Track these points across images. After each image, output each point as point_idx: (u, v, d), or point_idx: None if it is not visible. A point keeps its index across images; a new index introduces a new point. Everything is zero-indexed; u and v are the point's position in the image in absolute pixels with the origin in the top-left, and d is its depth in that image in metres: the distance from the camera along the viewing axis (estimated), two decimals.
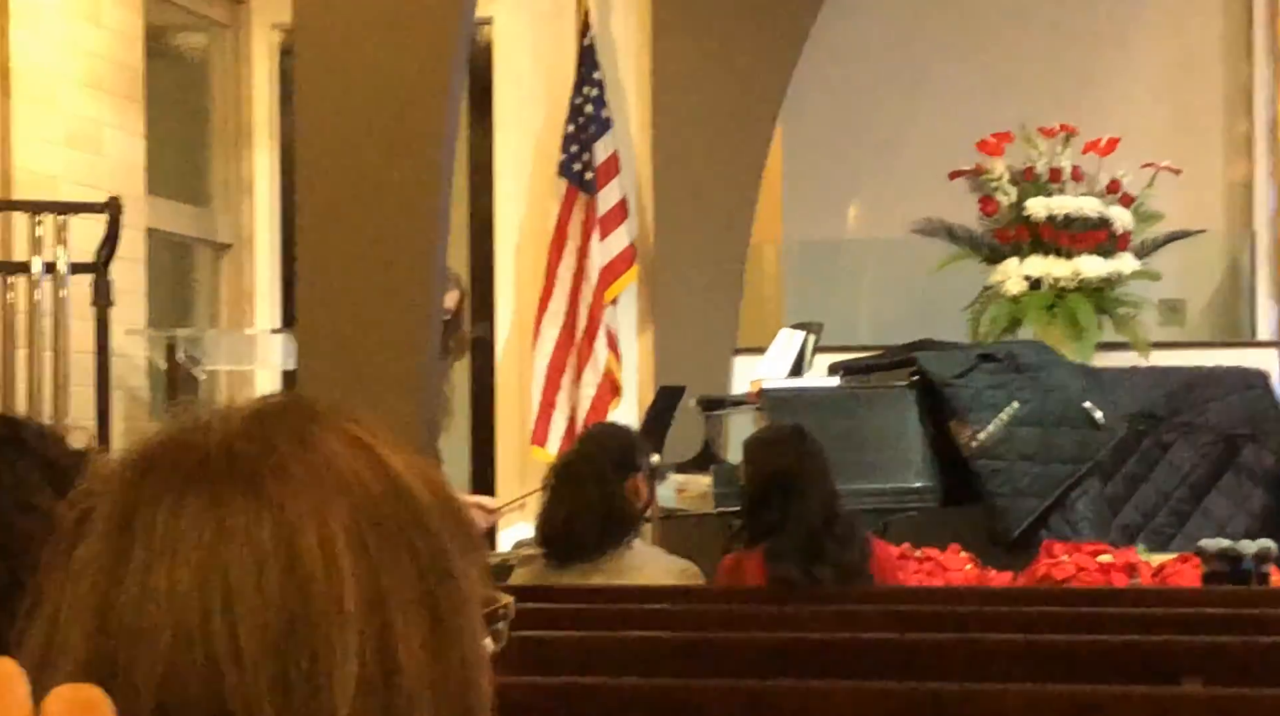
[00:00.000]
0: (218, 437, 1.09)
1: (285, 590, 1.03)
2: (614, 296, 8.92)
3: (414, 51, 5.21)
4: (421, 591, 1.07)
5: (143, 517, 1.06)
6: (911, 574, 6.61)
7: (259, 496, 1.06)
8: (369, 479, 1.09)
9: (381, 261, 5.23)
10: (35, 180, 7.32)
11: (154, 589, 1.03)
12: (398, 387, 5.27)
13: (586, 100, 8.96)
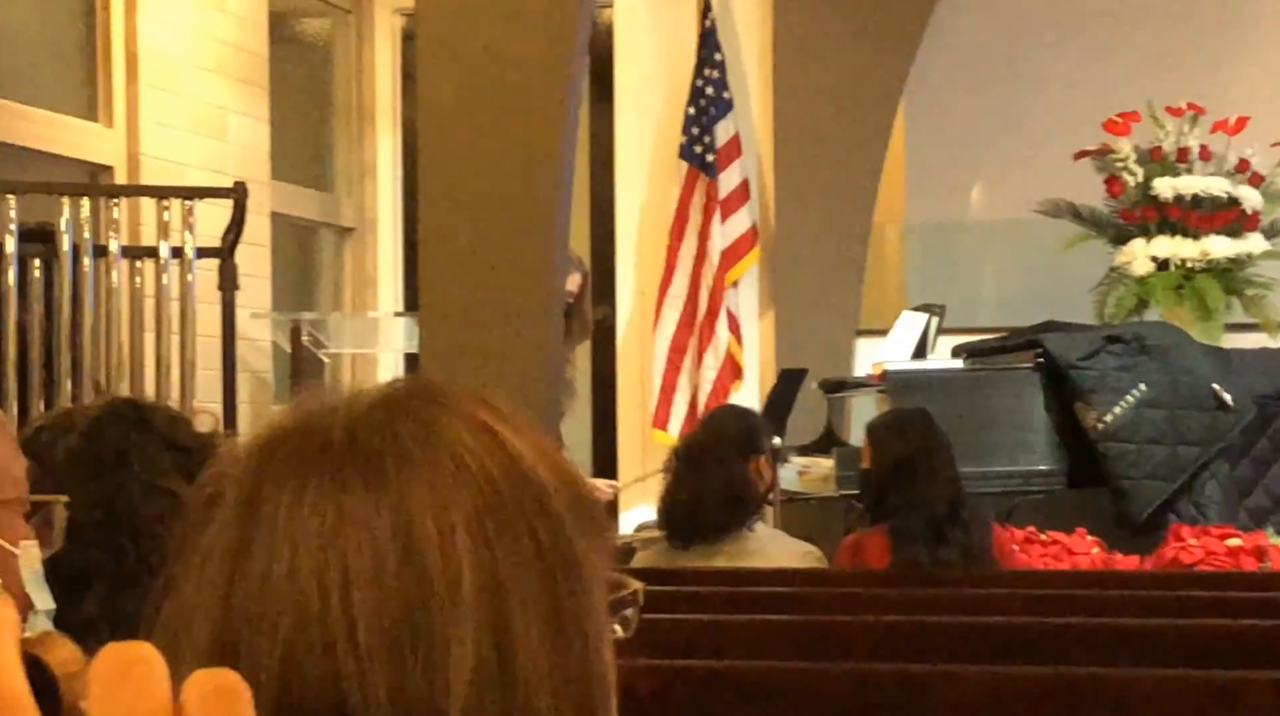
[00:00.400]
0: (342, 423, 1.09)
1: (402, 578, 1.02)
2: (735, 279, 8.89)
3: (535, 35, 5.22)
4: (543, 578, 1.06)
5: (266, 502, 1.06)
6: (1037, 557, 6.56)
7: (380, 483, 1.05)
8: (491, 464, 1.08)
9: (503, 244, 5.24)
10: (162, 166, 7.39)
11: (275, 574, 1.03)
12: (520, 370, 5.28)
13: (708, 82, 8.93)
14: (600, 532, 1.12)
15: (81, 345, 5.73)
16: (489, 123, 5.22)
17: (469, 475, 1.06)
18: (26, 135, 6.87)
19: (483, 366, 5.16)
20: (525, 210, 5.27)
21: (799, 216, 9.10)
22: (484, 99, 5.22)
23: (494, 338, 5.23)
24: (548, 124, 5.28)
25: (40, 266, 5.72)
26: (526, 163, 5.24)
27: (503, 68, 5.22)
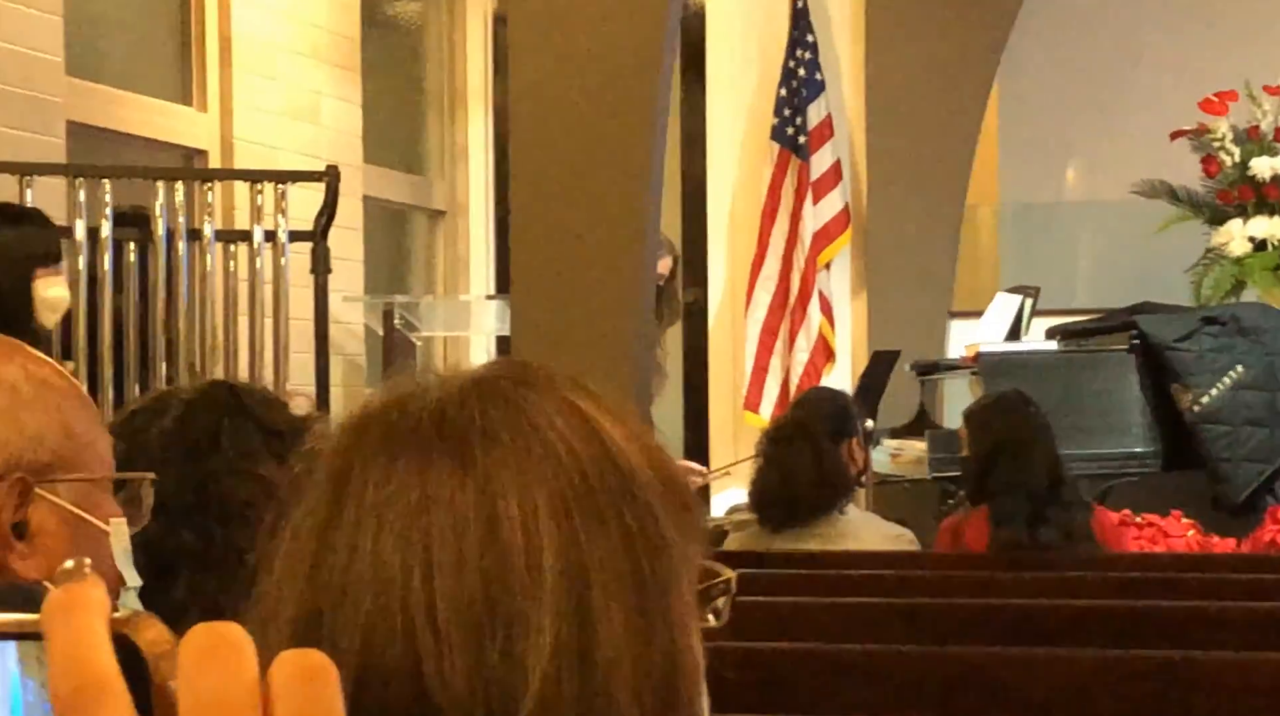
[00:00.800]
0: (432, 402, 1.09)
1: (484, 559, 1.02)
2: (827, 261, 8.87)
3: (626, 17, 5.21)
4: (628, 563, 1.05)
5: (355, 479, 1.06)
6: (1132, 540, 6.52)
7: (466, 463, 1.06)
8: (580, 448, 1.07)
9: (594, 227, 5.23)
10: (255, 150, 7.43)
11: (360, 551, 1.04)
12: (611, 353, 5.28)
13: (799, 64, 8.90)
14: (692, 521, 1.11)
15: (176, 328, 5.77)
16: (579, 105, 5.22)
17: (556, 458, 1.06)
18: (122, 120, 6.92)
19: (573, 349, 5.17)
20: (616, 194, 5.27)
21: (891, 198, 9.06)
22: (574, 82, 5.22)
23: (585, 320, 5.23)
24: (638, 107, 5.27)
25: (135, 250, 5.77)
26: (617, 146, 5.24)
27: (593, 51, 5.22)
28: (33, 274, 4.63)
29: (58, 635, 0.57)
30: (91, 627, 0.57)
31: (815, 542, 5.15)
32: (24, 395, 1.63)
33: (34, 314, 4.63)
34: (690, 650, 1.08)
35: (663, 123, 5.29)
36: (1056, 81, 9.44)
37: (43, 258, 4.73)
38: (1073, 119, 9.49)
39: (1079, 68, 9.42)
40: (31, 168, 5.68)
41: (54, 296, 4.79)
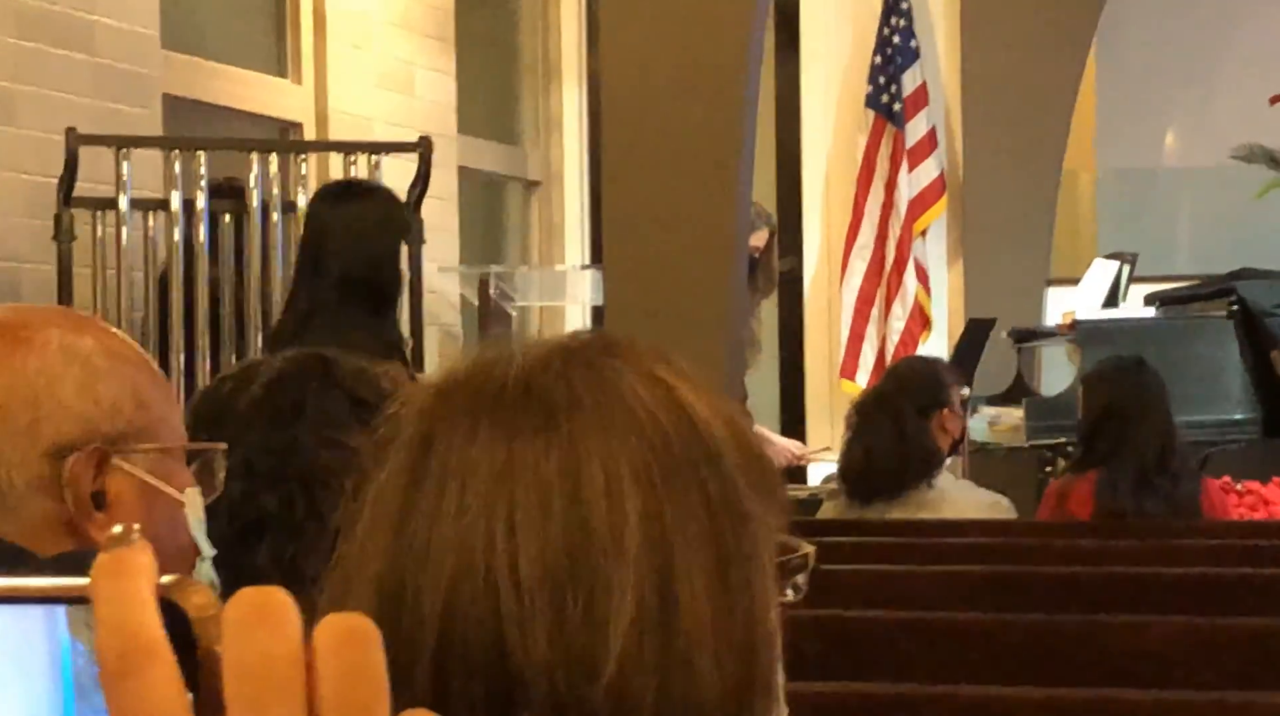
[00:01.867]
0: (517, 369, 1.10)
1: (567, 523, 1.03)
2: (923, 228, 8.83)
3: None
4: (710, 532, 1.06)
5: (440, 442, 1.07)
6: (1233, 508, 6.47)
7: (550, 428, 1.06)
8: (664, 417, 1.08)
9: (686, 197, 5.23)
10: (351, 121, 7.47)
11: (444, 512, 1.05)
12: (703, 324, 5.28)
13: (894, 31, 8.86)
14: (773, 494, 1.12)
15: (271, 298, 5.80)
16: (671, 75, 5.21)
17: (640, 426, 1.07)
18: (218, 93, 6.97)
19: (666, 319, 5.16)
20: (707, 164, 5.26)
21: (987, 165, 9.00)
22: (665, 52, 5.22)
23: (677, 292, 5.23)
24: (729, 77, 5.26)
25: (230, 222, 5.81)
26: (708, 116, 5.23)
27: (685, 22, 5.21)
28: (399, 246, 4.78)
29: (104, 599, 0.57)
30: (138, 592, 0.57)
31: (904, 513, 5.13)
32: (98, 367, 1.64)
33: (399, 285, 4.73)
34: (770, 621, 1.08)
35: (754, 92, 5.28)
36: (1153, 46, 9.35)
37: (406, 229, 4.92)
38: (1170, 84, 9.41)
39: (1176, 32, 9.33)
40: (127, 140, 5.73)
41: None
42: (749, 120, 5.35)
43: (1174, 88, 9.42)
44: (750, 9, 5.21)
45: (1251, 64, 8.93)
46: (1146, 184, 9.58)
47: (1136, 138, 9.55)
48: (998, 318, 8.05)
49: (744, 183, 5.37)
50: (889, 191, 8.83)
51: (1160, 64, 9.36)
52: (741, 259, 5.58)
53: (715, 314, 5.36)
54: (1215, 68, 9.28)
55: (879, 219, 8.83)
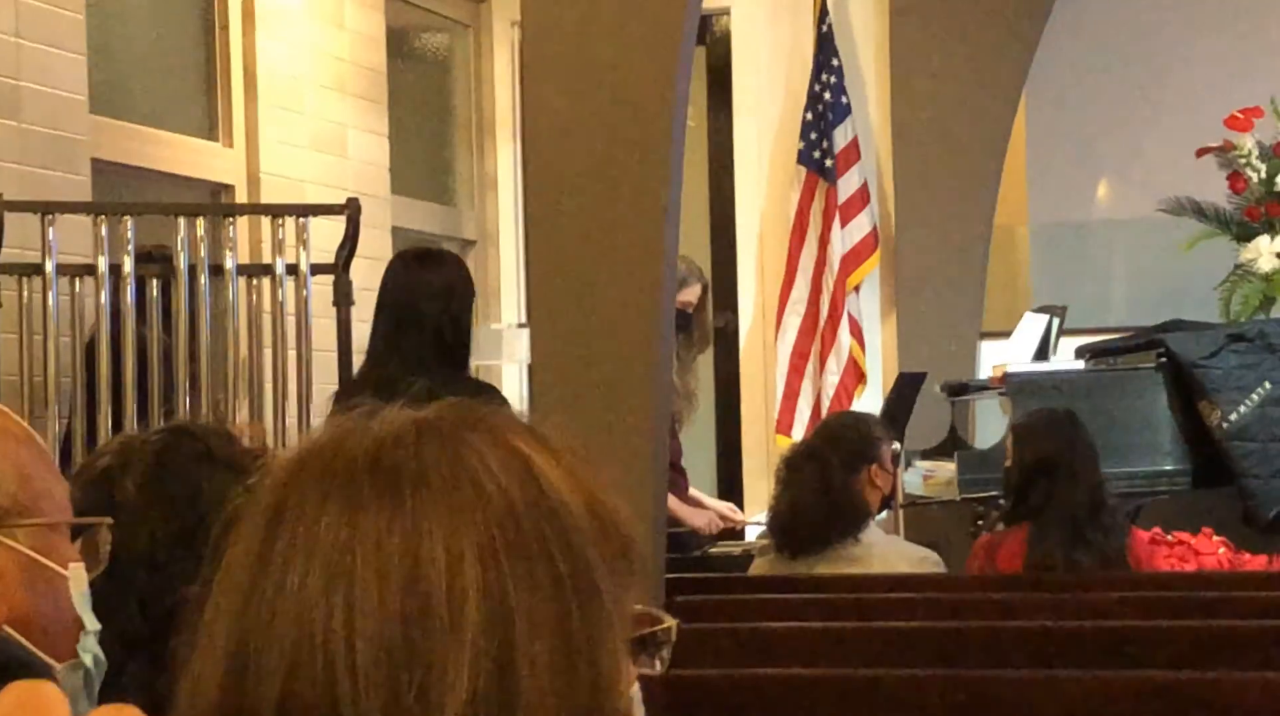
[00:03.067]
0: (371, 441, 1.09)
1: (405, 601, 1.02)
2: (857, 283, 8.88)
3: (641, 44, 5.22)
4: (556, 609, 1.05)
5: (290, 514, 1.07)
6: (1163, 558, 6.49)
7: (395, 502, 1.05)
8: (515, 491, 1.07)
9: (612, 255, 5.24)
10: (283, 184, 7.47)
11: (288, 588, 1.04)
12: (632, 379, 5.28)
13: (825, 87, 8.92)
14: (632, 568, 1.11)
15: (199, 362, 5.80)
16: (595, 133, 5.22)
17: (487, 500, 1.06)
18: (148, 157, 6.96)
19: (593, 377, 5.17)
20: (632, 221, 5.27)
21: (919, 219, 9.06)
22: (589, 111, 5.23)
23: (604, 348, 5.23)
24: (655, 132, 5.27)
25: (158, 285, 5.80)
26: (634, 173, 5.24)
27: (608, 82, 5.22)
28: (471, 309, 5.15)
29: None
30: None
31: (832, 567, 5.15)
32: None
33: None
34: (618, 695, 1.07)
35: (679, 148, 5.29)
36: (1082, 100, 9.42)
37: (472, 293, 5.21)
38: (1100, 137, 9.47)
39: (1104, 86, 9.39)
40: (53, 206, 5.72)
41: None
42: (674, 174, 5.36)
43: (1103, 141, 9.48)
44: (672, 65, 5.23)
45: (1179, 116, 9.00)
46: (1079, 236, 9.64)
47: (1068, 190, 9.61)
48: (929, 371, 8.08)
49: (669, 237, 5.37)
50: (822, 247, 8.87)
51: (1089, 117, 9.43)
52: (668, 315, 5.59)
53: (643, 369, 5.36)
54: (1143, 120, 9.35)
55: (813, 274, 8.87)
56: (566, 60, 5.29)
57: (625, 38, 5.21)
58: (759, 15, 9.30)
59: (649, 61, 5.23)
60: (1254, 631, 4.05)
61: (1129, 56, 9.36)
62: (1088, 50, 9.37)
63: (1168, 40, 9.30)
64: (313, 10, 7.81)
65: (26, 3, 6.03)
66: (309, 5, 7.78)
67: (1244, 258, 8.04)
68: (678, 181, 5.31)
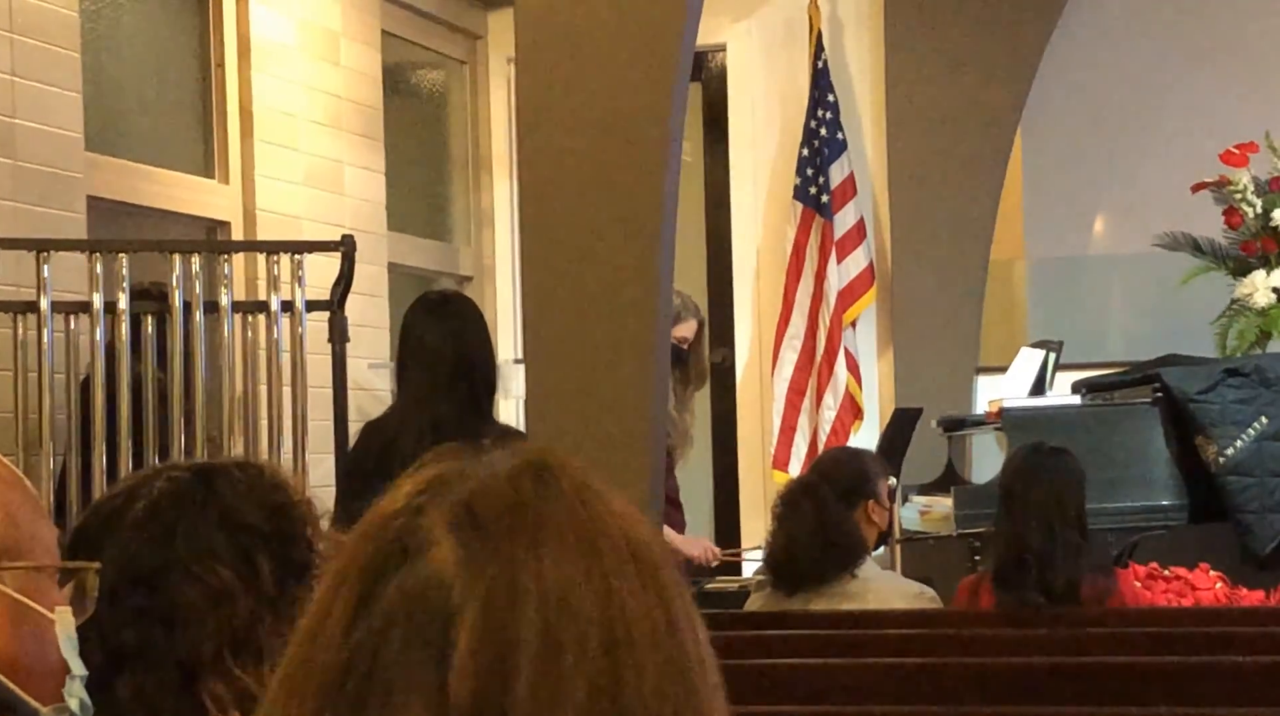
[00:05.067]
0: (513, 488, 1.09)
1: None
2: (853, 318, 8.89)
3: (636, 80, 5.23)
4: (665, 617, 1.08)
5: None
6: (1160, 593, 6.48)
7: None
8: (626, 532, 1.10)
9: (607, 291, 5.24)
10: (279, 220, 7.48)
11: None
12: (627, 414, 5.28)
13: (821, 123, 8.94)
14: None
15: (194, 398, 5.80)
16: (589, 169, 5.23)
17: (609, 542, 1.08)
18: (144, 194, 6.97)
19: (588, 413, 5.17)
20: (628, 258, 5.28)
21: (915, 255, 9.07)
22: (585, 149, 5.24)
23: (599, 384, 5.23)
24: (649, 168, 5.28)
25: (153, 322, 5.81)
26: (627, 209, 5.25)
27: (604, 118, 5.23)
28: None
29: None
30: None
31: (823, 603, 5.14)
32: None
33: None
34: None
35: (674, 183, 5.30)
36: (1078, 135, 9.43)
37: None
38: (1096, 172, 9.48)
39: (1101, 122, 9.41)
40: (48, 243, 5.73)
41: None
42: (670, 210, 5.37)
43: (1099, 176, 9.49)
44: (667, 105, 5.24)
45: (1175, 151, 9.02)
46: (1075, 271, 9.64)
47: (1064, 225, 9.61)
48: (925, 406, 8.08)
49: (665, 271, 5.38)
50: (818, 282, 8.89)
51: (1085, 153, 9.44)
52: (663, 353, 5.59)
53: (638, 406, 5.36)
54: (1139, 156, 9.36)
55: (809, 309, 8.88)
56: (562, 96, 5.31)
57: (620, 74, 5.22)
58: (755, 51, 9.32)
59: (644, 98, 5.24)
60: (1252, 667, 4.04)
61: (1125, 91, 9.38)
62: (1084, 85, 9.39)
63: (1163, 75, 9.32)
64: (308, 47, 7.83)
65: (22, 40, 6.05)
66: (305, 42, 7.80)
67: (1240, 292, 8.04)
68: (673, 217, 5.32)
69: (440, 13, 9.17)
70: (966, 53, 8.95)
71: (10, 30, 6.01)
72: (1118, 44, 9.42)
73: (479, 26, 9.53)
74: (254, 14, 7.46)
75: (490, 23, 9.57)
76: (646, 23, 5.20)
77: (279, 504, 2.14)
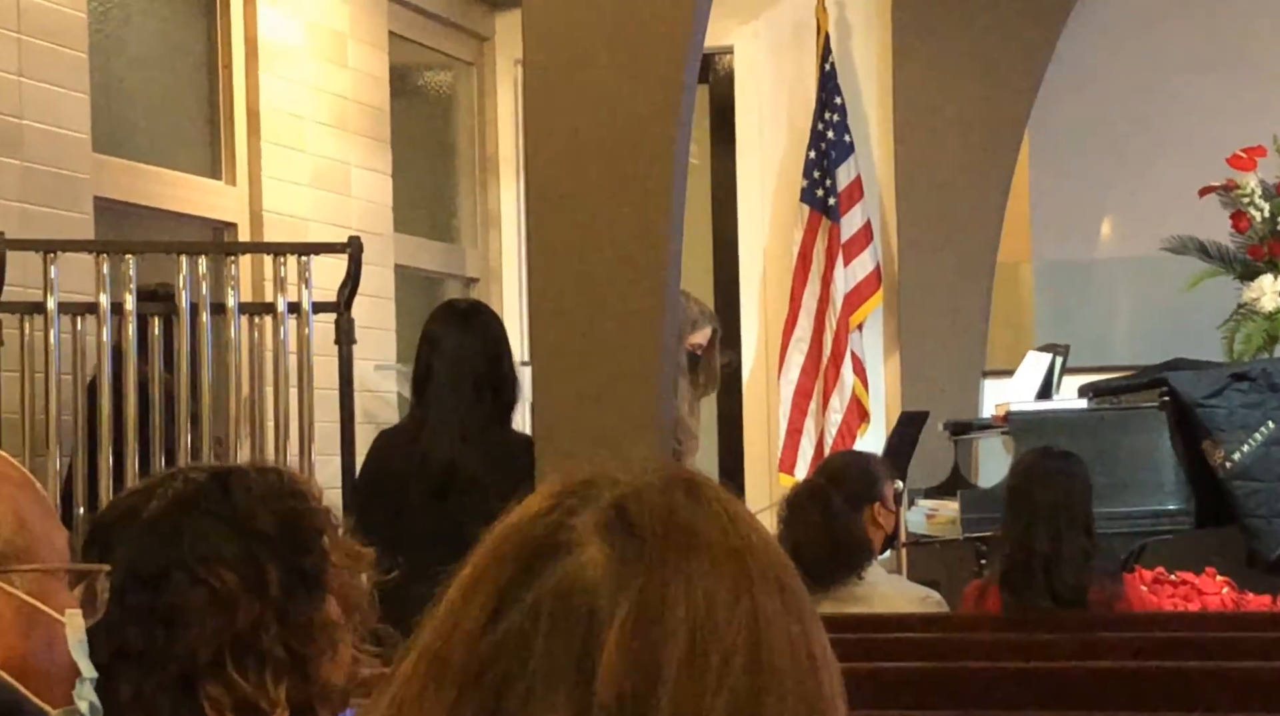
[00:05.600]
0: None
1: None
2: (859, 321, 8.88)
3: (643, 82, 5.23)
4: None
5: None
6: (1166, 598, 6.49)
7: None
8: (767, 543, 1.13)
9: (613, 293, 5.24)
10: (286, 222, 7.47)
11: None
12: (634, 416, 5.28)
13: (828, 126, 8.93)
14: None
15: (201, 399, 5.79)
16: (597, 171, 5.23)
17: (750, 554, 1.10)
18: (151, 195, 6.96)
19: (594, 416, 5.17)
20: (635, 259, 5.28)
21: (922, 258, 9.07)
22: (592, 151, 5.24)
23: (606, 387, 5.23)
24: (657, 170, 5.28)
25: (160, 323, 5.80)
26: (635, 212, 5.25)
27: (611, 121, 5.23)
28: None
29: None
30: None
31: (834, 607, 5.13)
32: None
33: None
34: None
35: (681, 185, 5.30)
36: (1086, 138, 9.43)
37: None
38: (1103, 176, 9.47)
39: (1108, 124, 9.40)
40: (55, 244, 5.73)
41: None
42: (676, 214, 5.37)
43: (1106, 179, 9.48)
44: (675, 104, 5.24)
45: (1182, 155, 9.01)
46: (1082, 275, 9.63)
47: (1071, 228, 9.61)
48: (931, 409, 8.08)
49: (672, 273, 5.38)
50: (825, 285, 8.88)
51: (1092, 156, 9.43)
52: (670, 356, 5.59)
53: (644, 409, 5.36)
54: (1146, 159, 9.35)
55: (816, 312, 8.87)
56: (569, 98, 5.31)
57: (627, 76, 5.22)
58: (762, 54, 9.32)
59: (651, 100, 5.24)
60: (1262, 674, 4.03)
61: (1132, 95, 9.37)
62: (1091, 89, 9.39)
63: (1171, 79, 9.31)
64: (316, 49, 7.83)
65: (30, 41, 6.05)
66: (312, 43, 7.80)
67: (1247, 297, 8.03)
68: (680, 219, 5.32)
69: (448, 14, 9.17)
70: (974, 56, 8.94)
71: (18, 31, 6.01)
72: (1125, 48, 9.41)
73: (486, 28, 9.53)
74: (261, 15, 7.46)
75: (498, 24, 9.56)
76: (654, 25, 5.20)
77: (293, 510, 2.13)
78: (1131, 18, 9.41)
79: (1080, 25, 9.13)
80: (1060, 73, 9.10)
